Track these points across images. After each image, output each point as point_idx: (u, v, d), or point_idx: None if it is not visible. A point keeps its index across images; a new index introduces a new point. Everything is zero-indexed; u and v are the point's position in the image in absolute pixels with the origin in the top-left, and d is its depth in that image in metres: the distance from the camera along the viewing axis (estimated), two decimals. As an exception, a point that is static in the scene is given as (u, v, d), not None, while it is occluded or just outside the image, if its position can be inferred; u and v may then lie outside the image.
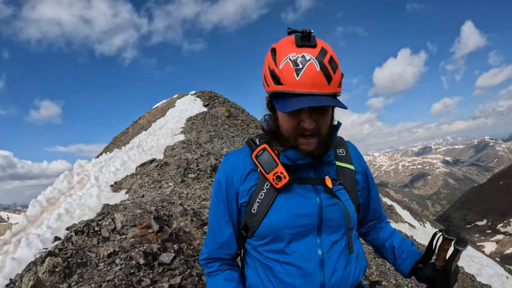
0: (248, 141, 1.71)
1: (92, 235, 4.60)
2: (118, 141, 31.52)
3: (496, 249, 72.42)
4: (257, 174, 1.64)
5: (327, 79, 1.39)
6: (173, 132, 18.67)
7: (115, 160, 14.07)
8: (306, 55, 1.38)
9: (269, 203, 1.58)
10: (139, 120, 37.09)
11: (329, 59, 1.40)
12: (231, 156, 1.75)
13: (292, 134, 1.51)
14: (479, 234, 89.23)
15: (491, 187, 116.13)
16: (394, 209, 33.09)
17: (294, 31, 1.43)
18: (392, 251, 1.89)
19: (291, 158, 1.54)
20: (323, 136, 1.53)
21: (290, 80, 1.38)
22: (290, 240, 1.56)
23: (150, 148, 15.03)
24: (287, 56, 1.39)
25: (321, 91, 1.38)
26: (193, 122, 21.01)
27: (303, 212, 1.56)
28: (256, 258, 1.66)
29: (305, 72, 1.36)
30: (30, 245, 5.47)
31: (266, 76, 1.49)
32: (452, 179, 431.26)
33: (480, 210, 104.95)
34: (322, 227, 1.59)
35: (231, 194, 1.66)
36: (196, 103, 29.92)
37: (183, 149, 12.61)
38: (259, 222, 1.59)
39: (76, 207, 7.66)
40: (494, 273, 22.19)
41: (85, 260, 3.85)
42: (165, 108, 34.60)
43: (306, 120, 1.45)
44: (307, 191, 1.60)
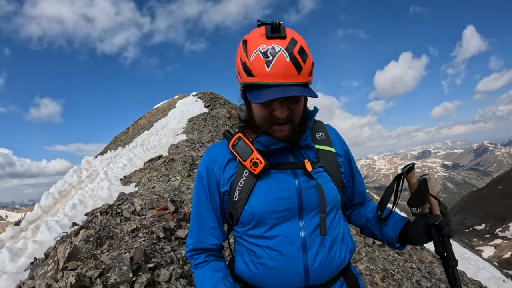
0: (224, 133, 1.77)
1: (115, 215, 5.11)
2: (118, 140, 31.92)
3: (494, 253, 72.22)
4: (236, 163, 1.68)
5: (297, 69, 1.43)
6: (175, 132, 19.00)
7: (121, 157, 14.63)
8: (275, 46, 1.42)
9: (249, 190, 1.61)
10: (140, 120, 37.42)
11: (299, 49, 1.44)
12: (211, 148, 1.80)
13: (266, 123, 1.57)
14: (477, 238, 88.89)
15: (490, 192, 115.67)
16: None
17: (264, 23, 1.47)
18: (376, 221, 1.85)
19: (264, 143, 1.59)
20: (296, 123, 1.59)
21: (261, 71, 1.42)
22: (272, 225, 1.60)
23: (154, 147, 15.49)
24: (258, 48, 1.44)
25: (291, 81, 1.43)
26: (195, 123, 21.34)
27: (282, 196, 1.59)
28: (242, 245, 1.70)
29: (275, 63, 1.40)
30: (50, 230, 6.00)
31: (239, 68, 1.54)
32: (451, 183, 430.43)
33: (478, 214, 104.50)
34: (303, 210, 1.61)
35: (213, 183, 1.70)
36: (198, 104, 30.27)
37: (187, 147, 13.04)
38: (241, 209, 1.63)
39: (89, 198, 8.20)
40: (490, 276, 22.00)
41: (112, 234, 4.36)
42: (165, 108, 35.07)
43: (278, 109, 1.51)
44: (285, 175, 1.64)
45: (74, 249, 3.86)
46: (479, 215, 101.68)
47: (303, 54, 1.44)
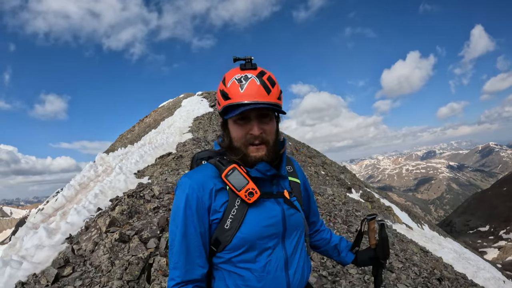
0: (215, 162, 1.82)
1: (139, 198, 6.31)
2: (124, 138, 32.99)
3: (498, 255, 71.57)
4: (226, 192, 1.76)
5: (267, 91, 1.70)
6: (181, 130, 19.84)
7: (132, 154, 15.78)
8: (248, 74, 1.72)
9: (241, 217, 1.71)
10: (145, 119, 38.36)
11: (268, 77, 1.74)
12: (195, 174, 1.82)
13: (243, 143, 1.75)
14: (481, 240, 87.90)
15: (495, 193, 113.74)
16: (391, 210, 33.19)
17: (238, 58, 1.77)
18: (336, 248, 2.29)
19: (262, 170, 1.74)
20: (271, 144, 1.78)
21: (236, 93, 1.69)
22: (260, 249, 1.73)
23: (161, 145, 16.41)
24: (233, 77, 1.73)
25: (262, 100, 1.68)
26: (200, 122, 22.09)
27: (271, 222, 1.76)
28: (225, 270, 1.76)
29: (247, 86, 1.68)
30: (79, 213, 7.16)
31: (218, 98, 1.81)
32: (456, 184, 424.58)
33: (483, 216, 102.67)
34: (286, 234, 1.81)
35: (202, 212, 1.73)
36: (203, 103, 30.93)
37: (194, 145, 14.03)
38: (232, 236, 1.70)
39: (108, 189, 9.35)
40: (491, 276, 21.24)
41: (138, 211, 5.56)
42: (171, 107, 35.74)
43: (253, 127, 1.71)
44: (271, 204, 1.81)
45: (112, 219, 5.11)
46: (483, 217, 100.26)
47: (271, 81, 1.73)
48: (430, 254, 15.87)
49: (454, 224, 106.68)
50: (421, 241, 24.25)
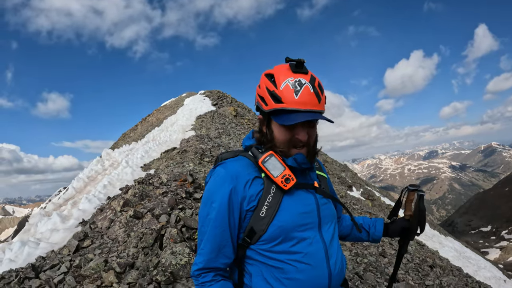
0: (252, 149, 1.85)
1: (149, 184, 6.78)
2: (127, 137, 32.67)
3: (500, 255, 71.30)
4: (261, 180, 1.75)
5: (318, 99, 1.71)
6: (184, 128, 19.99)
7: (137, 150, 16.17)
8: (302, 79, 1.69)
9: (277, 205, 1.69)
10: (148, 118, 37.83)
11: (318, 84, 1.74)
12: (230, 164, 1.81)
13: (287, 146, 1.76)
14: (483, 240, 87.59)
15: (497, 193, 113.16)
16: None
17: (291, 60, 1.73)
18: (362, 227, 2.27)
19: (299, 161, 1.75)
20: (311, 147, 1.81)
21: (291, 99, 1.66)
22: (298, 239, 1.70)
23: (165, 142, 16.80)
24: (286, 79, 1.68)
25: (314, 108, 1.69)
26: (203, 120, 22.13)
27: (306, 210, 1.75)
28: (262, 263, 1.73)
29: (302, 93, 1.66)
30: (90, 201, 7.59)
31: (265, 97, 1.75)
32: (458, 184, 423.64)
33: (485, 216, 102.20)
34: (321, 223, 1.79)
35: (235, 201, 1.71)
36: (205, 102, 30.88)
37: (197, 141, 14.30)
38: (268, 224, 1.68)
39: (116, 181, 9.78)
40: (491, 275, 21.87)
41: (148, 195, 6.02)
42: (173, 106, 35.70)
43: (301, 132, 1.72)
44: (305, 193, 1.80)
45: (126, 200, 5.60)
46: (485, 217, 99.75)
47: (321, 88, 1.75)
48: (426, 247, 16.13)
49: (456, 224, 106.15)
50: (421, 239, 24.39)
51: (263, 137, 1.85)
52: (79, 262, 4.00)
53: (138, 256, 4.02)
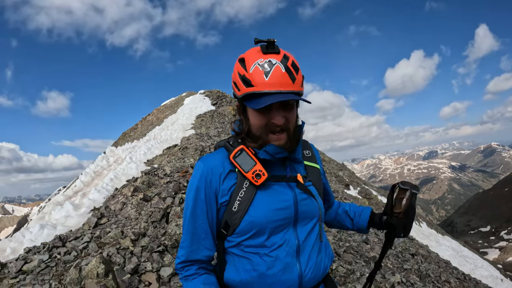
0: (224, 144, 1.82)
1: (154, 175, 7.57)
2: (127, 136, 33.14)
3: (499, 256, 71.19)
4: (235, 174, 1.74)
5: (292, 79, 1.61)
6: (184, 127, 20.66)
7: (140, 147, 16.96)
8: (272, 59, 1.60)
9: (249, 200, 1.68)
10: (148, 117, 38.31)
11: (292, 63, 1.63)
12: (207, 158, 1.81)
13: (264, 131, 1.69)
14: (482, 240, 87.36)
15: (496, 193, 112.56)
16: None
17: (260, 40, 1.66)
18: (346, 214, 2.19)
19: (271, 153, 1.68)
20: (291, 132, 1.72)
21: (260, 81, 1.58)
22: (270, 233, 1.69)
23: (166, 140, 17.44)
24: (256, 61, 1.61)
25: (287, 89, 1.59)
26: (202, 119, 22.62)
27: (281, 206, 1.70)
28: (235, 254, 1.75)
29: (272, 73, 1.57)
30: (100, 192, 8.36)
31: (237, 82, 1.69)
32: (457, 185, 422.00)
33: (484, 216, 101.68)
34: (298, 219, 1.74)
35: (211, 194, 1.73)
36: (205, 101, 31.39)
37: (197, 139, 14.99)
38: (241, 219, 1.69)
39: (122, 175, 10.55)
40: (488, 274, 21.81)
41: (155, 184, 6.80)
42: (173, 105, 36.27)
43: (276, 116, 1.65)
44: (282, 187, 1.75)
45: (136, 187, 6.39)
46: (484, 217, 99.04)
47: (295, 67, 1.63)
48: (416, 241, 16.63)
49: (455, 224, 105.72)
50: (418, 238, 24.63)
51: (241, 126, 1.82)
52: (99, 233, 4.81)
53: (148, 228, 4.82)
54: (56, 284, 3.59)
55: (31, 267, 4.12)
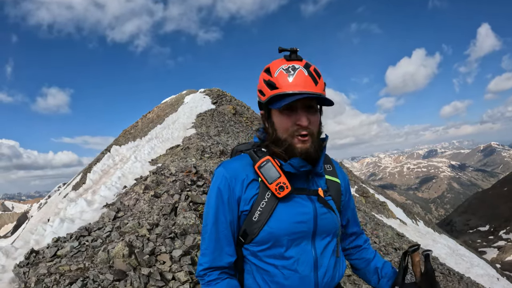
0: (250, 152, 1.84)
1: (161, 174, 8.41)
2: (127, 134, 33.91)
3: (497, 255, 71.16)
4: (258, 184, 1.76)
5: (314, 82, 1.70)
6: (185, 126, 21.10)
7: (143, 146, 17.72)
8: (295, 65, 1.71)
9: (270, 211, 1.70)
10: (148, 114, 39.02)
11: (314, 69, 1.74)
12: (230, 165, 1.84)
13: (289, 134, 1.72)
14: (481, 239, 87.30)
15: (495, 193, 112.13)
16: (386, 206, 32.67)
17: (284, 49, 1.78)
18: (376, 271, 2.11)
19: (296, 166, 1.70)
20: (315, 137, 1.77)
21: (285, 83, 1.67)
22: (288, 246, 1.70)
23: (168, 139, 18.01)
24: (280, 67, 1.72)
25: (311, 90, 1.67)
26: (203, 118, 23.05)
27: (301, 219, 1.73)
28: (253, 263, 1.77)
29: (296, 76, 1.67)
30: (110, 189, 9.18)
31: (262, 88, 1.78)
32: (457, 184, 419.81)
33: (483, 215, 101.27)
34: (316, 233, 1.77)
35: (233, 202, 1.76)
36: (205, 100, 31.76)
37: (198, 139, 15.62)
38: (260, 229, 1.70)
39: (128, 173, 11.35)
40: (484, 273, 22.01)
41: (162, 182, 7.66)
42: (174, 103, 36.77)
43: (301, 117, 1.69)
44: (303, 200, 1.77)
45: (146, 185, 7.24)
46: (484, 217, 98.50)
47: (317, 73, 1.74)
48: (406, 238, 17.21)
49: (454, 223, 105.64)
50: (414, 236, 25.02)
51: (265, 133, 1.87)
52: (119, 224, 5.70)
53: (160, 220, 5.71)
54: (89, 264, 4.46)
55: (64, 252, 4.99)
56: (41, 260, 4.92)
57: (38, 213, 31.39)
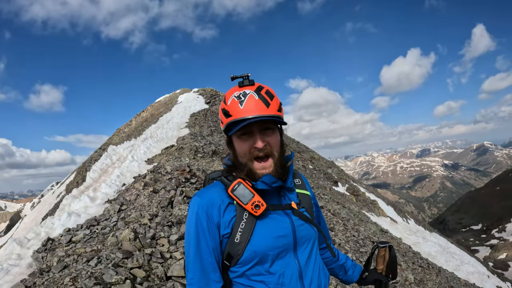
0: (221, 178, 1.93)
1: (158, 173, 9.29)
2: (121, 132, 34.09)
3: (490, 253, 71.64)
4: (234, 206, 1.82)
5: (266, 104, 1.76)
6: (179, 126, 21.73)
7: (139, 146, 18.46)
8: (246, 90, 1.80)
9: (251, 230, 1.76)
10: (142, 113, 39.31)
11: (266, 91, 1.81)
12: (204, 193, 1.89)
13: (248, 158, 1.82)
14: (473, 238, 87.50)
15: (488, 192, 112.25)
16: (377, 204, 33.04)
17: (236, 77, 1.89)
18: (342, 266, 2.36)
19: (268, 182, 1.80)
20: (276, 157, 1.84)
21: (236, 110, 1.76)
22: (272, 260, 1.78)
23: (162, 139, 18.66)
24: (232, 94, 1.81)
25: (262, 113, 1.74)
26: (196, 118, 23.66)
27: (281, 233, 1.81)
28: (241, 284, 1.82)
29: (246, 102, 1.75)
30: (110, 187, 10.01)
31: (221, 116, 1.88)
32: (450, 183, 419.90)
33: (476, 214, 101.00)
34: (297, 245, 1.86)
35: (213, 228, 1.80)
36: (199, 100, 32.45)
37: (191, 139, 16.24)
38: (243, 249, 1.75)
39: (126, 172, 12.17)
40: (474, 271, 22.20)
41: (159, 180, 8.55)
42: (168, 102, 37.19)
43: (256, 140, 1.78)
44: (279, 216, 1.86)
45: (145, 182, 8.13)
46: (476, 215, 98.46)
47: (269, 94, 1.81)
48: (389, 234, 17.67)
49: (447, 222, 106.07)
50: (405, 234, 25.48)
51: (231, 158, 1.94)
52: (124, 215, 6.62)
53: (159, 212, 6.67)
54: (101, 247, 5.35)
55: (78, 238, 5.88)
56: (57, 246, 5.78)
57: (32, 212, 31.89)
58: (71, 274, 4.45)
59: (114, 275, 4.33)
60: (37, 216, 22.95)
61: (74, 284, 4.15)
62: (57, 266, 4.78)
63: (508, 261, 64.26)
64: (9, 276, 5.36)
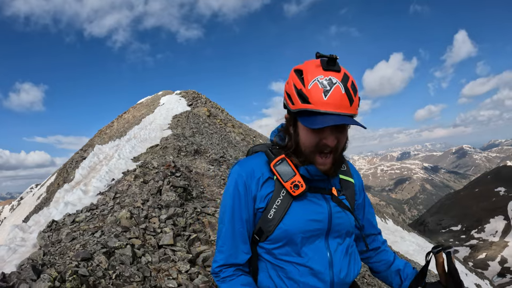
0: (266, 150, 1.84)
1: (146, 167, 10.29)
2: (103, 134, 33.64)
3: (469, 253, 72.59)
4: (273, 182, 1.76)
5: (350, 101, 1.58)
6: (161, 127, 22.10)
7: (124, 145, 19.07)
8: (332, 78, 1.56)
9: (285, 209, 1.71)
10: (124, 115, 38.78)
11: (351, 84, 1.60)
12: (245, 162, 1.85)
13: (312, 151, 1.68)
14: (453, 239, 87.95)
15: (467, 194, 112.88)
16: None
17: (322, 55, 1.62)
18: (398, 273, 2.09)
19: (312, 173, 1.71)
20: (338, 154, 1.74)
21: (319, 100, 1.54)
22: (302, 244, 1.72)
23: (146, 139, 19.16)
24: (315, 78, 1.56)
25: (345, 111, 1.56)
26: (178, 120, 24.02)
27: (316, 218, 1.74)
28: (268, 261, 1.80)
29: (332, 93, 1.53)
30: (101, 181, 10.89)
31: (292, 95, 1.65)
32: (430, 185, 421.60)
33: (455, 215, 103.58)
34: (330, 231, 1.78)
35: (249, 199, 1.77)
36: (181, 102, 32.75)
37: (175, 140, 17.06)
38: (275, 227, 1.71)
39: (114, 169, 12.95)
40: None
41: (148, 174, 9.55)
42: (149, 104, 37.04)
43: (329, 137, 1.62)
44: (318, 199, 1.78)
45: (136, 175, 9.14)
46: (456, 217, 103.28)
47: (354, 89, 1.61)
48: None
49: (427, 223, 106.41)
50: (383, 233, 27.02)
51: (286, 138, 1.82)
52: (119, 201, 7.64)
53: (149, 198, 7.70)
54: (102, 224, 6.37)
55: (81, 219, 6.86)
56: (61, 226, 6.70)
57: (12, 214, 31.93)
58: (80, 242, 5.46)
59: (117, 241, 5.38)
60: (17, 218, 23.14)
61: (84, 249, 5.16)
62: (67, 237, 5.76)
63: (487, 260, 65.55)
64: (17, 254, 6.03)
